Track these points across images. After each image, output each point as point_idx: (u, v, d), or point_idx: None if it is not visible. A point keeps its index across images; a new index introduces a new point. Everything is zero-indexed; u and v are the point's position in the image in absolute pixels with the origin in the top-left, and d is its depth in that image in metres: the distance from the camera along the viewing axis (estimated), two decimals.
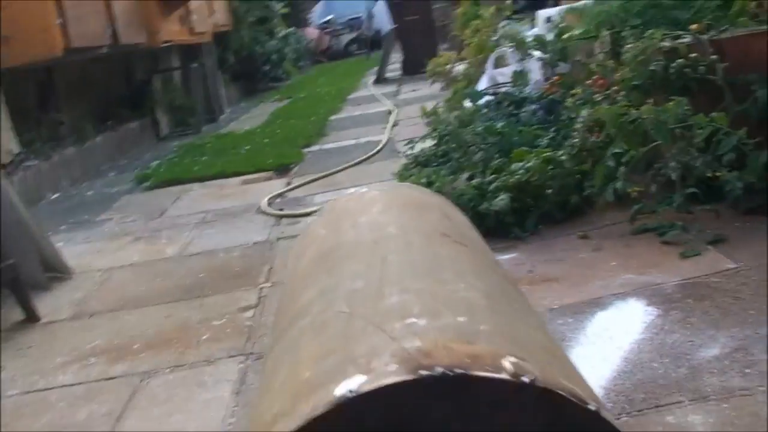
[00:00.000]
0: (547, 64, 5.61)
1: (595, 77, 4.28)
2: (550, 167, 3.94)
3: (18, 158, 6.57)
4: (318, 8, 24.94)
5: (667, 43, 3.71)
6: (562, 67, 5.44)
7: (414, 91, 10.90)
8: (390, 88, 12.16)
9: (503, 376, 0.87)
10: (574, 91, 4.49)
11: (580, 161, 3.94)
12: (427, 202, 1.67)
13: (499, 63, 6.60)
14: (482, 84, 6.45)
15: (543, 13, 6.96)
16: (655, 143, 3.49)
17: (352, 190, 1.80)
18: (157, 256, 4.79)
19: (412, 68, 12.99)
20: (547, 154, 4.02)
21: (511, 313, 1.13)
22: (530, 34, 6.28)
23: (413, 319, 1.00)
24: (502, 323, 1.04)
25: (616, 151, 3.66)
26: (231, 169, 7.04)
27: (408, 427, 0.89)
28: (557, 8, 7.00)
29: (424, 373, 0.86)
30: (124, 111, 9.22)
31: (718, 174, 3.40)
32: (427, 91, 9.68)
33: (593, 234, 3.71)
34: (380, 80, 13.63)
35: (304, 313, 1.17)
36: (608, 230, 3.72)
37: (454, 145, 5.04)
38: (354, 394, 0.86)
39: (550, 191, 3.91)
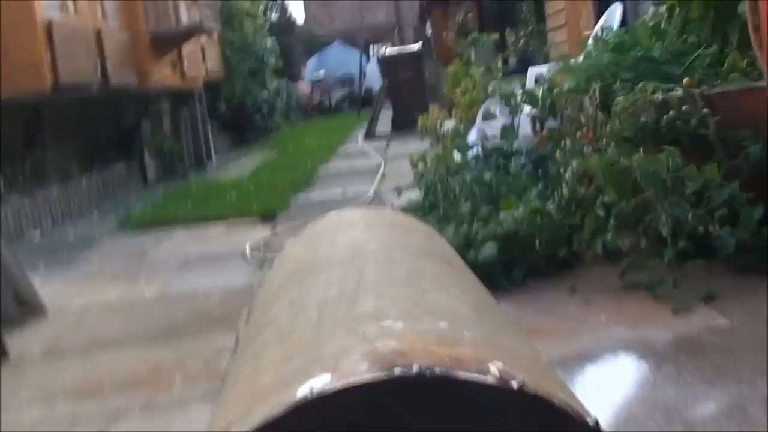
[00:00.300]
0: (537, 119, 5.59)
1: (584, 129, 4.24)
2: (539, 218, 3.89)
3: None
4: (311, 64, 25.19)
5: (658, 96, 3.69)
6: (552, 123, 5.42)
7: (404, 146, 10.90)
8: (379, 143, 12.17)
9: (489, 379, 0.77)
10: (563, 145, 4.45)
11: (569, 213, 3.88)
12: (411, 226, 1.58)
13: (488, 117, 6.60)
14: (471, 137, 6.43)
15: (533, 71, 6.99)
16: (644, 194, 3.44)
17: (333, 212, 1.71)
18: (135, 296, 4.70)
19: (402, 125, 13.01)
20: (536, 204, 3.97)
21: (498, 324, 1.04)
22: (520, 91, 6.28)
23: (389, 321, 0.90)
24: (487, 332, 0.95)
25: (606, 201, 3.61)
26: (216, 215, 6.96)
27: None
28: (547, 65, 7.04)
29: (398, 371, 0.76)
30: (111, 153, 9.17)
31: (709, 229, 3.34)
32: (416, 147, 9.68)
33: (582, 287, 3.61)
34: (370, 135, 13.65)
35: (271, 324, 1.08)
36: (597, 284, 3.63)
37: (441, 195, 4.99)
38: (316, 394, 0.76)
39: (538, 243, 3.84)
